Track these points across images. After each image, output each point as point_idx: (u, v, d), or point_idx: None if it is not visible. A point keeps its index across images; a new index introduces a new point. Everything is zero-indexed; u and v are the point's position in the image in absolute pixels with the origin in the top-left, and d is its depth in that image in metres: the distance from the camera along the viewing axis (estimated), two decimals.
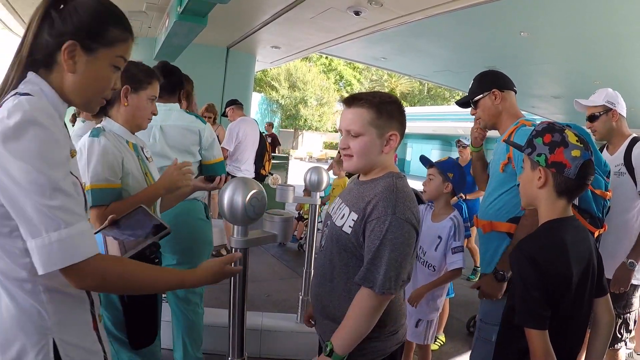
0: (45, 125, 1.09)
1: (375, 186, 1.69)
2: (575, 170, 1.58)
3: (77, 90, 1.23)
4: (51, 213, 1.06)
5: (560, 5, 5.71)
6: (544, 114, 15.32)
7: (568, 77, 9.99)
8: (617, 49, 7.21)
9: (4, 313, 1.19)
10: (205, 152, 2.91)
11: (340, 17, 6.02)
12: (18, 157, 1.05)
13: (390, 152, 1.73)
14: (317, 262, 1.86)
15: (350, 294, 1.68)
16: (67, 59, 1.18)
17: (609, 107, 2.97)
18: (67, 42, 1.17)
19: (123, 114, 2.15)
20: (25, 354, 1.18)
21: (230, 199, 1.83)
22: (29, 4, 6.62)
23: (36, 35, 1.19)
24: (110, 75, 1.28)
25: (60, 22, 1.18)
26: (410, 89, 36.20)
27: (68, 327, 1.24)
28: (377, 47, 8.94)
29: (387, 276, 1.56)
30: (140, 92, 2.16)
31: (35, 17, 1.19)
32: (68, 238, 1.08)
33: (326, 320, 1.80)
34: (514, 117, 2.45)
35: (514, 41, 7.46)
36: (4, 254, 1.17)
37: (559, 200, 1.65)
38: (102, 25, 1.22)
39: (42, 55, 1.19)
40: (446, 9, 5.31)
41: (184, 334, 3.00)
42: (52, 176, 1.08)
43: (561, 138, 1.62)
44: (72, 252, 1.09)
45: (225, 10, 5.15)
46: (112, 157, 2.03)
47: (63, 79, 1.21)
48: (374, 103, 1.69)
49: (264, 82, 30.48)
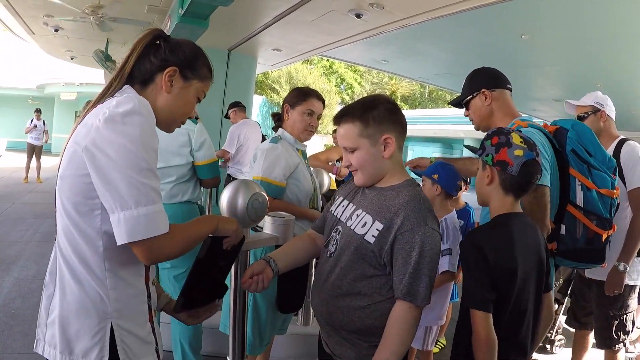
0: (147, 117, 1.29)
1: (398, 195, 1.67)
2: (518, 168, 1.77)
3: (167, 108, 1.47)
4: (143, 189, 1.23)
5: (561, 8, 5.71)
6: (544, 117, 15.29)
7: (569, 80, 9.97)
8: (617, 52, 7.20)
9: (68, 296, 1.32)
10: (196, 153, 2.96)
11: (342, 19, 6.02)
12: (121, 137, 1.23)
13: (392, 155, 1.71)
14: (323, 267, 1.80)
15: (359, 302, 1.66)
16: (167, 80, 1.44)
17: (597, 108, 3.04)
18: (171, 66, 1.44)
19: (288, 127, 2.74)
20: (84, 333, 1.30)
21: (230, 200, 1.83)
22: (30, 6, 6.69)
23: (140, 57, 1.44)
24: (194, 104, 1.55)
25: (168, 50, 1.46)
26: (411, 92, 36.17)
27: (126, 314, 1.36)
28: (378, 49, 8.93)
29: (427, 288, 1.56)
30: (295, 107, 2.70)
31: (139, 44, 1.44)
32: (152, 214, 1.23)
33: (329, 327, 1.78)
34: (508, 116, 2.37)
35: (515, 44, 7.45)
36: (79, 235, 1.30)
37: (507, 197, 1.83)
38: (198, 62, 1.52)
39: (142, 74, 1.44)
40: (447, 12, 5.30)
41: (182, 336, 3.00)
42: (148, 158, 1.25)
43: (506, 140, 1.81)
44: (154, 227, 1.23)
45: (226, 13, 5.16)
46: (284, 162, 2.58)
47: (156, 96, 1.46)
48: (357, 115, 1.69)
49: (265, 85, 30.46)
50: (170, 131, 1.56)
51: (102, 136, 1.23)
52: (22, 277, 5.16)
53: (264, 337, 2.54)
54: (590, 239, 2.24)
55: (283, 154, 2.60)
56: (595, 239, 2.24)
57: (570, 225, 2.24)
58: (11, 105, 25.50)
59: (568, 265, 2.43)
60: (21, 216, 8.26)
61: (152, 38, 1.46)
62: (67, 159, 1.31)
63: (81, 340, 1.30)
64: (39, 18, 7.40)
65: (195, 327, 2.98)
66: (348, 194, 1.89)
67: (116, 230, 1.22)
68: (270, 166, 2.55)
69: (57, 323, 1.31)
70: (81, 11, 6.26)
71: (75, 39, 9.03)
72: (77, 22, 7.06)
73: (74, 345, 1.30)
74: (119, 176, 1.21)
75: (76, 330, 1.30)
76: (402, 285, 1.57)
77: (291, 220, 2.07)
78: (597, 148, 2.30)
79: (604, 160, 2.29)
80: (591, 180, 2.23)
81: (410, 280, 1.55)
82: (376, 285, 1.65)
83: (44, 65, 22.94)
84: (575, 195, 2.23)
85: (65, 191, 1.31)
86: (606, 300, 2.99)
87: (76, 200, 1.29)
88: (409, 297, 1.56)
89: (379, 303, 1.65)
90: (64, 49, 10.28)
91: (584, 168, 2.24)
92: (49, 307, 1.36)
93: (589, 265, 2.46)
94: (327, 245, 1.84)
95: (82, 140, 1.26)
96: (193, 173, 2.97)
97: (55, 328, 1.32)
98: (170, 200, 2.90)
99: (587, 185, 2.22)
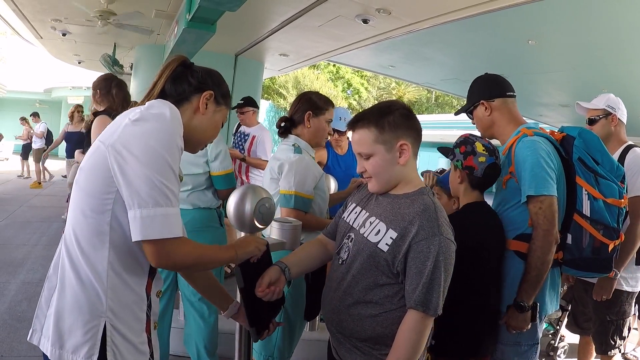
0: (174, 123, 1.33)
1: (413, 203, 1.65)
2: (482, 171, 2.19)
3: (200, 128, 1.54)
4: (163, 189, 1.25)
5: (567, 13, 5.70)
6: (551, 122, 15.24)
7: (575, 85, 9.94)
8: (624, 57, 7.18)
9: (67, 289, 1.36)
10: (212, 164, 2.96)
11: (349, 25, 6.03)
12: (149, 136, 1.27)
13: (407, 161, 1.69)
14: (334, 274, 1.79)
15: (371, 310, 1.65)
16: (203, 102, 1.52)
17: (609, 112, 3.00)
18: (209, 90, 1.54)
19: (307, 134, 2.63)
20: (77, 328, 1.31)
21: (237, 205, 1.83)
22: (38, 10, 6.73)
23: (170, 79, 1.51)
24: (220, 127, 1.63)
25: (205, 75, 1.56)
26: (418, 97, 36.09)
27: (121, 317, 1.35)
28: (385, 55, 8.93)
29: (440, 298, 1.55)
30: (320, 116, 2.62)
31: (168, 68, 1.52)
32: (169, 215, 1.26)
33: (340, 335, 1.76)
34: (511, 124, 2.36)
35: (521, 49, 7.44)
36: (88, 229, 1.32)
37: (474, 191, 2.26)
38: (226, 90, 1.63)
39: (178, 94, 1.51)
40: (454, 17, 5.31)
41: (197, 339, 3.01)
42: (172, 162, 1.29)
43: (472, 149, 2.20)
44: (169, 228, 1.26)
45: (233, 18, 5.17)
46: (312, 173, 2.50)
47: (191, 116, 1.52)
48: (372, 120, 1.68)
49: (271, 90, 30.48)
50: (195, 152, 1.61)
51: (130, 133, 1.28)
52: (29, 280, 5.17)
53: (293, 346, 2.54)
54: (597, 249, 2.22)
55: (310, 165, 2.53)
56: (602, 249, 2.22)
57: (577, 235, 2.23)
58: (18, 108, 25.60)
59: (574, 274, 2.42)
60: (28, 219, 8.29)
61: (180, 64, 1.54)
62: (89, 154, 1.36)
63: (73, 335, 1.30)
64: (47, 22, 7.46)
65: (211, 330, 3.00)
66: (361, 201, 1.87)
67: (132, 226, 1.25)
68: (302, 179, 2.46)
69: (53, 315, 1.33)
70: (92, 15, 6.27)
71: (82, 43, 9.08)
72: (84, 27, 7.11)
73: (65, 340, 1.31)
74: (142, 174, 1.24)
75: (69, 325, 1.31)
76: (415, 295, 1.55)
77: (298, 226, 2.06)
78: (605, 156, 2.29)
79: (612, 168, 2.28)
80: (598, 189, 2.22)
81: (424, 290, 1.53)
82: (388, 293, 1.63)
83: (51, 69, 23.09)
84: (581, 205, 2.21)
85: (81, 183, 1.34)
86: (604, 305, 2.98)
87: (90, 193, 1.31)
88: (422, 307, 1.54)
89: (390, 312, 1.63)
90: (71, 52, 10.35)
91: (591, 177, 2.23)
92: (49, 300, 1.37)
93: (595, 275, 2.45)
94: (339, 252, 1.81)
95: (108, 138, 1.30)
96: (210, 183, 2.98)
97: (51, 321, 1.33)
98: (188, 206, 2.91)
99: (594, 194, 2.21)
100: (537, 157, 2.13)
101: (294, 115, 2.65)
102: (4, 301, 4.50)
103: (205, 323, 2.97)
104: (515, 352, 2.24)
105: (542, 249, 2.08)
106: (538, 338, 2.28)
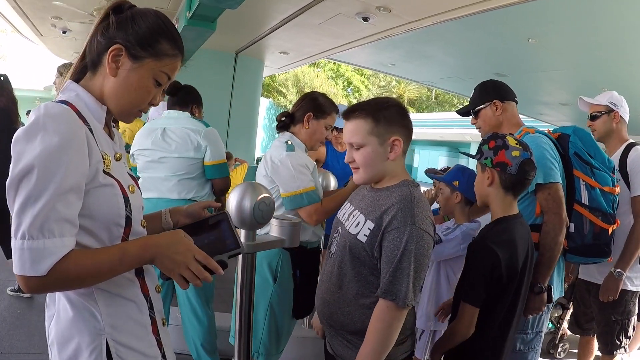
0: (55, 133, 1.06)
1: (391, 195, 1.66)
2: (516, 167, 1.92)
3: (114, 95, 1.24)
4: (29, 218, 1.03)
5: (568, 12, 5.69)
6: (551, 121, 15.25)
7: (576, 84, 9.93)
8: (624, 56, 7.18)
9: (61, 313, 1.23)
10: (206, 153, 2.94)
11: (349, 23, 6.03)
12: (23, 155, 1.05)
13: (397, 157, 1.70)
14: (326, 268, 1.82)
15: (359, 302, 1.66)
16: (111, 62, 1.20)
17: (611, 108, 3.02)
18: (115, 45, 1.19)
19: (303, 134, 2.57)
20: (80, 352, 1.20)
21: (238, 202, 1.83)
22: (39, 8, 6.71)
23: (93, 37, 1.23)
24: (151, 89, 1.27)
25: (115, 26, 1.21)
26: (418, 95, 36.11)
27: (123, 329, 1.25)
28: (385, 53, 8.93)
29: (409, 288, 1.54)
30: (320, 120, 2.57)
31: (97, 22, 1.23)
32: (35, 249, 1.04)
33: (331, 328, 1.78)
34: (515, 126, 2.48)
35: (522, 48, 7.43)
36: None
37: (507, 196, 1.98)
38: (154, 36, 1.23)
39: (91, 57, 1.24)
40: (454, 16, 5.31)
41: (195, 338, 3.01)
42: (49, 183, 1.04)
43: (503, 142, 1.97)
44: (36, 263, 1.04)
45: (234, 16, 5.17)
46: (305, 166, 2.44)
47: (104, 81, 1.23)
48: (369, 112, 1.68)
49: (272, 88, 30.48)
50: (129, 122, 1.33)
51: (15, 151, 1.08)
52: None
53: (281, 344, 2.54)
54: (597, 234, 2.38)
55: (302, 157, 2.49)
56: (602, 234, 2.39)
57: (578, 223, 2.38)
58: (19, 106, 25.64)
59: (577, 261, 2.53)
60: None
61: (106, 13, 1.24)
62: None
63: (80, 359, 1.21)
64: (47, 20, 7.45)
65: (206, 330, 3.00)
66: (352, 197, 1.92)
67: None
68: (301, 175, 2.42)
69: (56, 344, 1.24)
70: (88, 13, 6.28)
71: (83, 41, 8.94)
72: (85, 24, 7.10)
73: None
74: (15, 199, 1.06)
75: (73, 350, 1.21)
76: (383, 283, 1.57)
77: (298, 223, 2.06)
78: (597, 151, 2.45)
79: (603, 161, 2.43)
80: (594, 179, 2.37)
81: (391, 278, 1.55)
82: (374, 285, 1.64)
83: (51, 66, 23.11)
84: (580, 194, 2.37)
85: None
86: (609, 305, 2.99)
87: None
88: (389, 295, 1.55)
89: (376, 304, 1.63)
90: (71, 50, 10.33)
91: (587, 169, 2.38)
92: (49, 328, 1.28)
93: (596, 260, 2.53)
94: (330, 246, 1.86)
95: None
96: (201, 173, 2.97)
97: (55, 350, 1.24)
98: (174, 196, 2.90)
99: (591, 184, 2.36)
100: (542, 150, 2.27)
101: (295, 113, 2.63)
102: (3, 298, 4.50)
103: (199, 322, 2.98)
104: (522, 340, 2.32)
105: (554, 231, 2.20)
106: (542, 326, 2.38)
